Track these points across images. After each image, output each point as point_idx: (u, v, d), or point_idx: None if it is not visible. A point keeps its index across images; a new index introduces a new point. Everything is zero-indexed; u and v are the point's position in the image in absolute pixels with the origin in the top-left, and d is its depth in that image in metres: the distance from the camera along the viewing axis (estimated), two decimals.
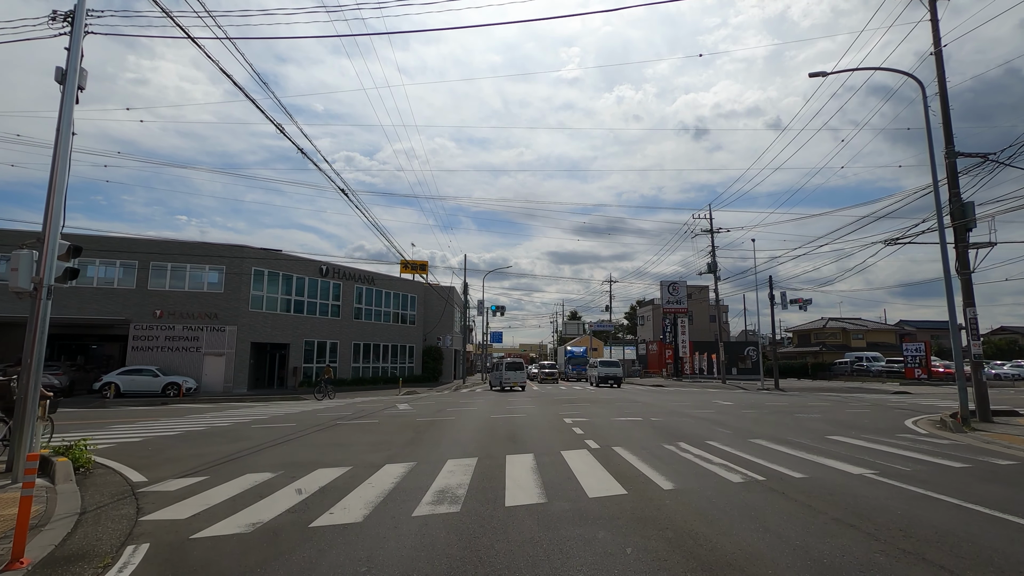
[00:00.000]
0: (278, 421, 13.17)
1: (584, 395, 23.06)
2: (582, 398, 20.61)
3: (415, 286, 38.23)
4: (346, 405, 18.67)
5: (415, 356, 37.88)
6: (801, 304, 30.82)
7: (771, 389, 29.61)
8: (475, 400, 20.48)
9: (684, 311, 48.13)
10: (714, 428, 10.72)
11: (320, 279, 30.99)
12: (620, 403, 17.97)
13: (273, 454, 8.11)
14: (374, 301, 34.81)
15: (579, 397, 21.44)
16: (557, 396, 22.21)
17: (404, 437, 9.83)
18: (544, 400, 19.63)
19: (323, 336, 30.91)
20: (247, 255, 26.95)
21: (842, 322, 61.92)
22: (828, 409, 15.66)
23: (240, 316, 26.36)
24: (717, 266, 37.01)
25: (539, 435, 9.93)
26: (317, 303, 30.78)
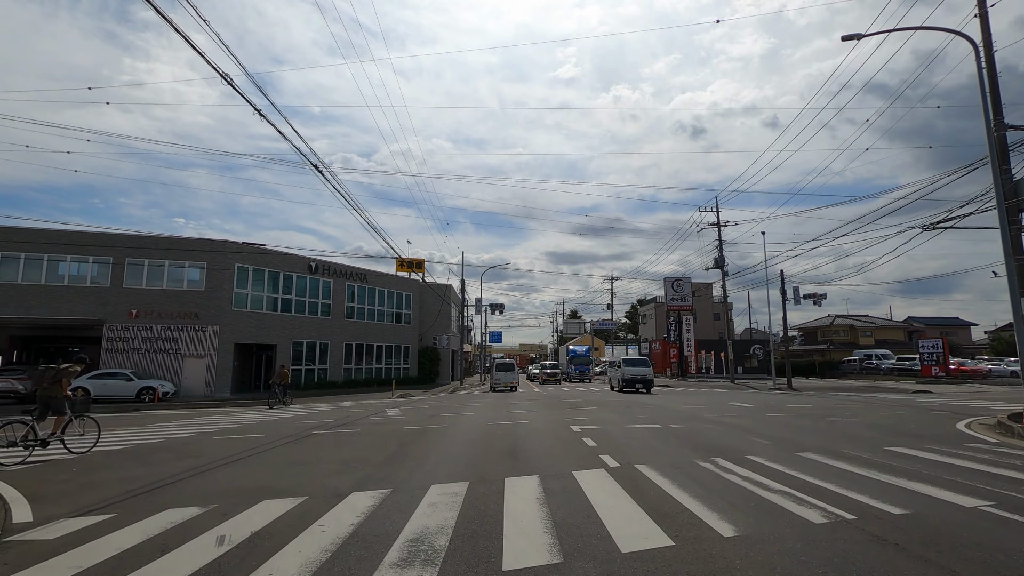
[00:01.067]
0: (248, 431, 11.64)
1: (590, 397, 21.55)
2: (588, 401, 19.10)
3: (410, 284, 36.71)
4: (331, 411, 17.14)
5: (410, 357, 36.34)
6: (816, 299, 29.37)
7: (784, 389, 28.14)
8: (472, 404, 18.97)
9: (689, 308, 46.66)
10: (748, 438, 9.22)
11: (309, 276, 29.47)
12: (630, 406, 16.47)
13: (218, 477, 6.59)
14: (367, 300, 33.29)
15: (585, 400, 19.93)
16: (560, 399, 20.71)
17: (384, 452, 8.32)
18: (547, 403, 18.12)
19: (312, 337, 29.37)
20: (229, 250, 25.41)
21: (849, 319, 60.49)
22: (859, 411, 14.17)
23: (222, 316, 24.82)
24: (724, 261, 35.58)
25: (544, 448, 8.42)
26: (306, 302, 29.25)
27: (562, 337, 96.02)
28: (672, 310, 46.56)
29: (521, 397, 22.50)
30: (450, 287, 39.94)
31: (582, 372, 43.11)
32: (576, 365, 43.50)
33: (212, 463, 7.54)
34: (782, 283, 30.74)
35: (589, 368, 44.01)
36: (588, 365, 44.01)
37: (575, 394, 23.85)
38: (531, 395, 24.18)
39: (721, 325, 67.54)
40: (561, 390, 27.92)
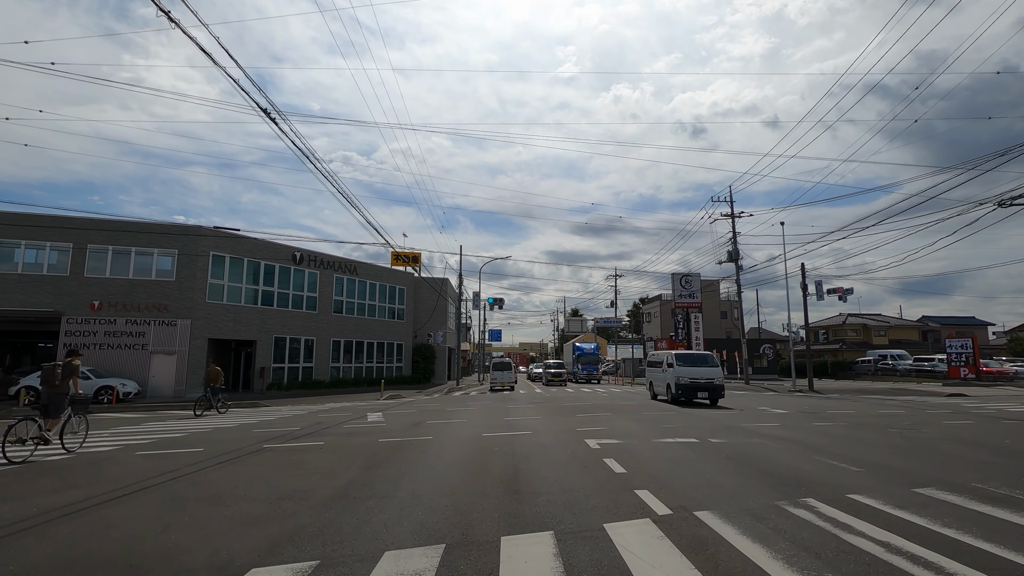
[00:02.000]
0: (188, 443, 9.48)
1: (601, 401, 19.37)
2: (600, 405, 16.91)
3: (404, 277, 34.52)
4: (305, 415, 14.98)
5: (404, 355, 34.17)
6: (841, 294, 27.22)
7: (805, 391, 26.06)
8: (467, 407, 16.81)
9: (697, 305, 44.45)
10: (822, 460, 7.04)
11: (293, 267, 27.28)
12: (651, 412, 14.31)
13: (65, 531, 4.42)
14: (357, 293, 31.10)
15: (595, 403, 17.77)
16: (567, 402, 18.53)
17: (340, 479, 6.16)
18: (552, 408, 15.95)
19: (296, 332, 27.19)
20: (203, 236, 23.21)
21: (862, 318, 58.33)
22: (919, 420, 12.01)
23: (195, 308, 22.65)
24: (739, 254, 33.41)
25: (555, 475, 6.25)
26: (290, 294, 27.06)
27: (563, 335, 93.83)
28: (680, 307, 44.35)
29: (522, 400, 20.32)
30: (447, 282, 37.81)
31: (590, 372, 38.62)
32: (584, 364, 39.01)
33: (89, 498, 5.37)
34: (803, 277, 28.60)
35: (598, 367, 40.05)
36: (597, 364, 40.03)
37: (584, 397, 21.63)
38: (533, 397, 22.01)
39: (728, 324, 65.49)
40: (566, 392, 25.72)
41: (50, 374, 8.55)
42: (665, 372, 17.88)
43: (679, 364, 17.10)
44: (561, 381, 33.80)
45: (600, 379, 39.94)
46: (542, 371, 42.28)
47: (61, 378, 8.54)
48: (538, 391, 26.83)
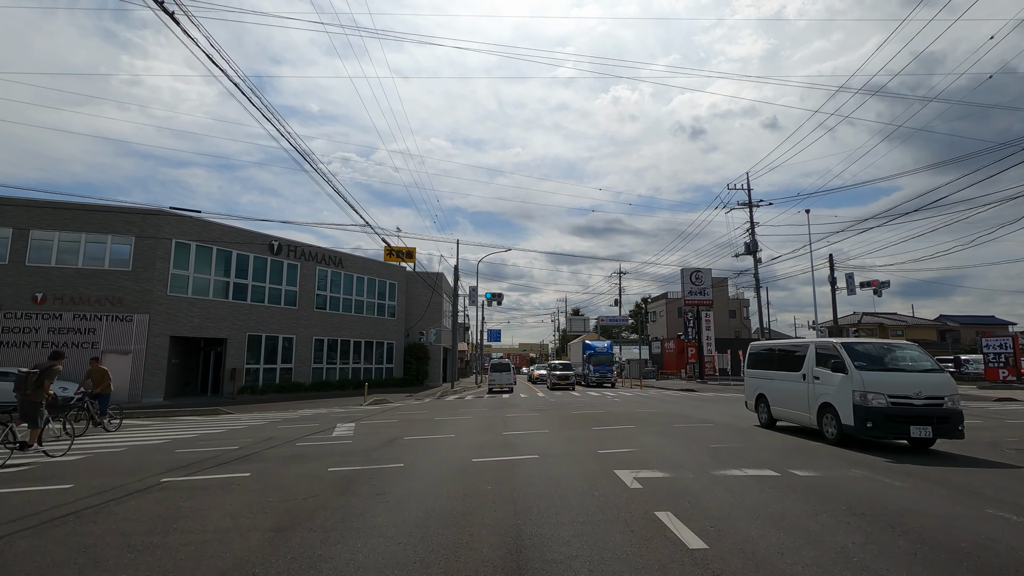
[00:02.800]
0: (57, 475, 6.92)
1: (618, 408, 16.78)
2: (619, 414, 14.27)
3: (395, 271, 31.96)
4: (262, 426, 12.42)
5: (395, 355, 31.58)
6: (876, 287, 24.67)
7: None
8: (459, 416, 14.24)
9: (708, 303, 41.94)
10: (993, 512, 4.47)
11: (270, 258, 24.71)
12: (680, 421, 11.74)
13: None
14: (342, 288, 28.53)
15: (611, 411, 15.19)
16: (578, 409, 15.95)
17: (221, 562, 3.59)
18: (561, 418, 13.35)
19: (273, 329, 24.62)
20: (164, 221, 20.64)
21: (878, 317, 55.79)
22: (1009, 430, 9.44)
23: (155, 302, 20.09)
24: (757, 245, 30.88)
25: (587, 553, 3.67)
26: (266, 288, 24.49)
27: (564, 336, 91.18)
28: (690, 304, 41.82)
29: (524, 406, 17.74)
30: (442, 276, 35.21)
31: (603, 374, 33.28)
32: (596, 365, 33.60)
33: None
34: (831, 269, 26.09)
35: (613, 369, 34.38)
36: (612, 365, 34.42)
37: (595, 403, 19.01)
38: (536, 403, 19.44)
39: (737, 323, 62.94)
40: (573, 397, 22.87)
41: (23, 381, 8.25)
42: (817, 383, 9.11)
43: (859, 364, 8.35)
44: (568, 384, 29.29)
45: (615, 382, 34.80)
46: (546, 373, 37.36)
47: (34, 387, 8.22)
48: (541, 395, 24.24)
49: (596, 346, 35.48)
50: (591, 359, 33.82)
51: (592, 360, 33.74)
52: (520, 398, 22.25)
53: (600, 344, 36.00)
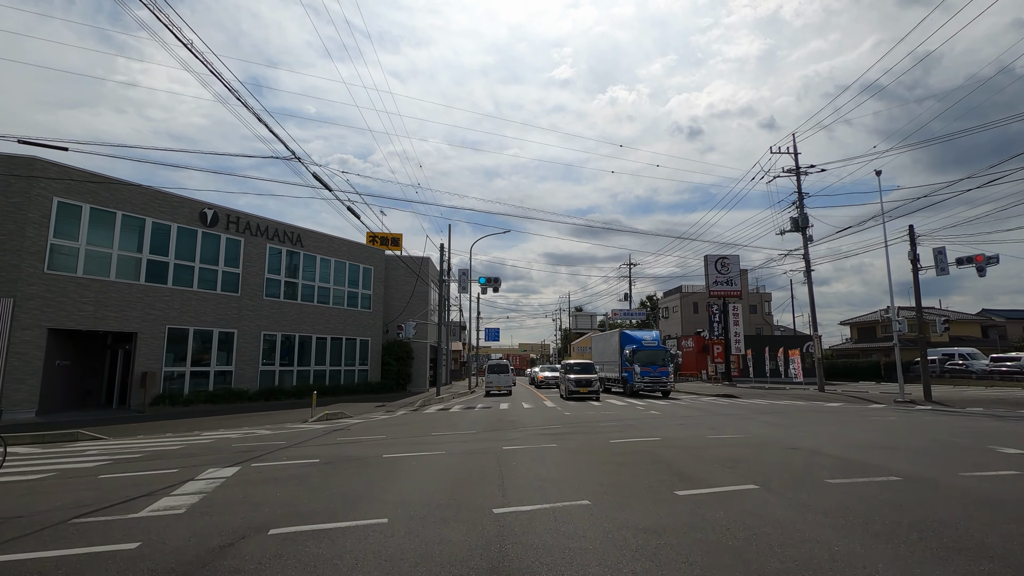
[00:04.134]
0: None
1: (677, 431, 11.33)
2: (692, 445, 8.85)
3: (371, 254, 26.56)
4: (89, 472, 7.01)
5: (370, 355, 26.15)
6: (980, 264, 19.38)
7: (917, 401, 18.46)
8: (428, 449, 8.82)
9: (737, 294, 36.64)
10: None
11: (202, 230, 19.29)
12: (836, 471, 6.35)
13: None
14: (302, 271, 23.11)
15: (677, 441, 9.76)
16: (621, 435, 10.51)
17: None
18: (603, 457, 7.90)
19: (206, 322, 19.19)
20: (41, 173, 15.22)
21: (908, 313, 50.42)
22: None
23: (23, 282, 14.69)
24: (807, 220, 25.55)
25: None
26: (195, 269, 19.07)
27: (567, 334, 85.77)
28: (716, 296, 36.50)
29: (532, 427, 12.29)
30: (428, 261, 29.82)
31: (656, 377, 22.81)
32: (646, 365, 23.09)
33: None
34: (912, 245, 20.79)
35: (669, 370, 23.54)
36: (668, 364, 23.55)
37: (644, 423, 13.25)
38: (548, 420, 14.04)
39: (759, 319, 57.57)
40: (600, 409, 16.63)
41: None
42: None
43: None
44: (591, 393, 21.00)
45: (672, 387, 23.90)
46: (557, 376, 29.56)
47: None
48: (550, 405, 18.80)
49: (641, 338, 24.67)
50: (636, 356, 23.42)
51: (639, 358, 23.34)
52: (523, 411, 16.83)
53: (647, 335, 25.13)
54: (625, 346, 24.55)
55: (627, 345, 24.48)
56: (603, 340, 29.61)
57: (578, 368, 22.91)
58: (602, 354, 28.77)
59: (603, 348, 28.89)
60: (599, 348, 30.08)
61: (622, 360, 24.41)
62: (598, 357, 29.53)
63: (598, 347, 30.57)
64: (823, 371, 37.99)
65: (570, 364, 23.86)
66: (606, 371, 27.07)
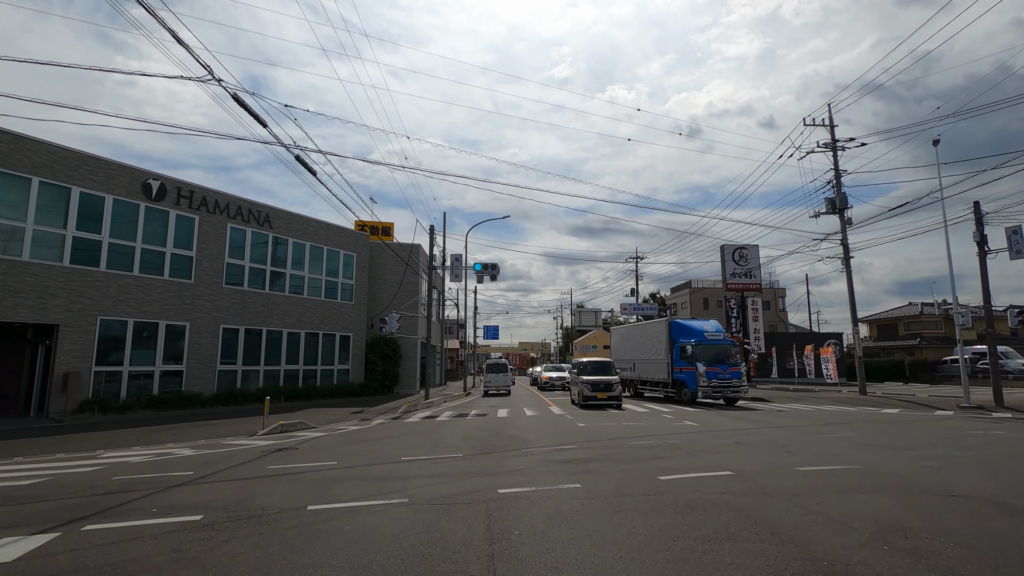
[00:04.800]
0: None
1: (751, 462, 8.38)
2: (800, 500, 5.97)
3: (353, 239, 23.65)
4: None
5: (352, 353, 23.21)
6: None
7: (987, 407, 15.62)
8: (377, 493, 5.88)
9: (756, 287, 33.70)
10: None
11: (146, 204, 16.35)
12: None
13: None
14: (271, 257, 20.17)
15: (767, 486, 6.86)
16: (667, 462, 7.61)
17: None
18: (645, 498, 5.05)
19: (150, 313, 16.25)
20: None
21: (943, 307, 47.53)
22: None
23: None
24: (846, 200, 22.59)
25: None
26: (136, 250, 16.12)
27: (568, 333, 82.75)
28: (733, 289, 33.56)
29: (540, 447, 9.29)
30: (419, 248, 26.84)
31: (726, 380, 17.49)
32: (712, 364, 17.60)
33: None
34: (978, 224, 17.83)
35: (741, 371, 18.18)
36: (739, 363, 18.25)
37: (699, 446, 10.55)
38: (559, 434, 11.10)
39: (772, 315, 54.59)
40: (627, 420, 12.62)
41: None
42: None
43: None
44: (612, 400, 16.73)
45: (746, 392, 18.83)
46: (566, 377, 26.63)
47: None
48: (557, 412, 15.79)
49: (702, 329, 18.69)
50: (701, 353, 17.60)
51: (703, 355, 17.56)
52: (526, 420, 13.87)
53: (708, 325, 19.21)
54: (679, 339, 18.71)
55: (682, 338, 18.60)
56: (636, 333, 23.15)
57: (594, 368, 18.21)
58: (634, 350, 22.61)
59: (637, 343, 22.39)
60: (628, 343, 23.60)
61: (673, 358, 18.74)
62: (624, 354, 23.71)
63: (626, 342, 23.94)
64: (847, 371, 34.94)
65: (583, 363, 18.86)
66: (639, 371, 21.84)
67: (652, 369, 20.65)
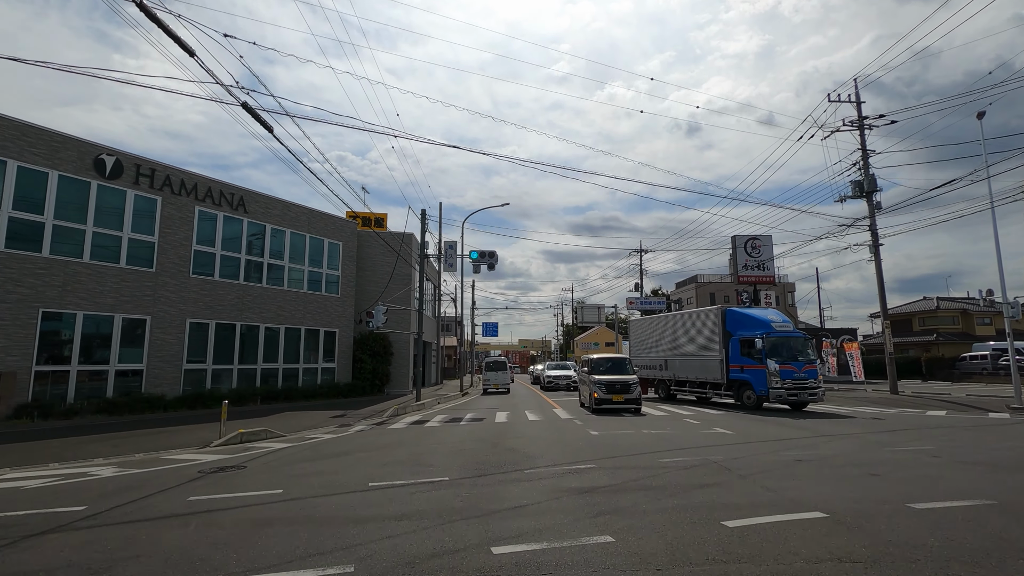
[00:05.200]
0: None
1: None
2: None
3: (338, 227, 21.84)
4: None
5: (338, 350, 21.40)
6: None
7: None
8: (315, 556, 4.04)
9: (770, 280, 31.96)
10: None
11: (98, 182, 14.49)
12: None
13: None
14: (245, 244, 18.33)
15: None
16: (723, 497, 5.81)
17: None
18: None
19: (105, 305, 14.42)
20: None
21: (959, 303, 45.81)
22: None
23: None
24: (875, 182, 20.76)
25: None
26: (87, 233, 14.27)
27: (569, 330, 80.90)
28: (746, 282, 31.79)
29: (548, 468, 7.47)
30: (411, 237, 24.99)
31: (801, 381, 14.19)
32: (786, 362, 14.36)
33: None
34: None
35: (817, 369, 14.89)
36: (815, 360, 15.05)
37: (752, 467, 8.55)
38: (570, 446, 9.31)
39: (781, 310, 52.86)
40: (650, 428, 10.64)
41: None
42: None
43: None
44: (629, 403, 14.27)
45: (822, 393, 14.85)
46: (571, 376, 26.02)
47: None
48: (564, 416, 13.94)
49: (767, 319, 15.52)
50: (772, 347, 14.50)
51: (776, 349, 14.52)
52: (528, 427, 12.05)
53: (774, 315, 16.07)
54: (738, 332, 15.47)
55: (743, 330, 15.36)
56: (670, 325, 19.16)
57: (607, 366, 15.53)
58: (666, 345, 18.96)
59: (672, 337, 18.70)
60: (657, 337, 19.73)
61: (730, 353, 15.62)
62: (650, 350, 20.12)
63: (654, 336, 20.00)
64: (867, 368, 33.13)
65: (595, 360, 16.08)
66: (675, 370, 18.35)
67: (695, 367, 17.29)
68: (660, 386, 19.54)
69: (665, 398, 19.19)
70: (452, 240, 24.12)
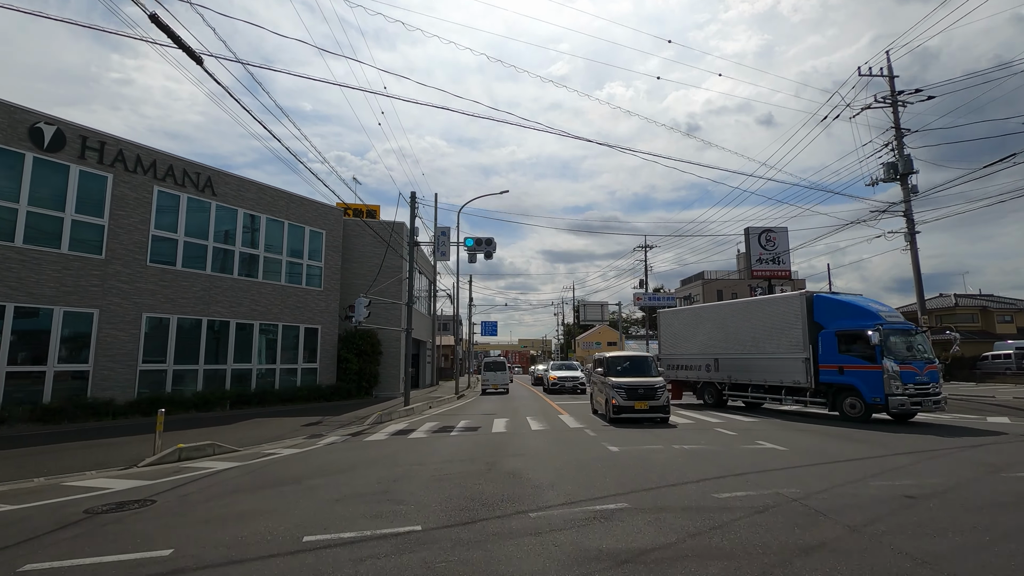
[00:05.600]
0: None
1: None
2: None
3: (321, 213, 19.92)
4: None
5: (320, 349, 19.48)
6: None
7: None
8: None
9: (785, 274, 30.07)
10: None
11: (34, 154, 12.58)
12: None
13: None
14: (215, 231, 16.40)
15: None
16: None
17: None
18: None
19: (45, 297, 12.52)
20: None
21: (978, 300, 43.95)
22: None
23: None
24: (911, 163, 18.87)
25: None
26: (20, 214, 12.39)
27: (570, 329, 78.90)
28: (759, 277, 29.89)
29: (560, 509, 5.67)
30: (403, 227, 23.07)
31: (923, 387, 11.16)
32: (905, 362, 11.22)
33: None
34: None
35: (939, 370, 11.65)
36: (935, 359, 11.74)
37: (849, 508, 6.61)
38: (585, 471, 7.42)
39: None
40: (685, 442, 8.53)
41: None
42: None
43: None
44: (656, 410, 11.56)
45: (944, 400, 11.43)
46: (579, 378, 24.08)
47: None
48: (573, 426, 11.93)
49: (870, 308, 12.32)
50: (889, 343, 11.34)
51: (895, 347, 11.39)
52: (531, 439, 10.14)
53: (880, 306, 12.75)
54: (833, 324, 12.39)
55: (843, 322, 12.23)
56: (723, 316, 15.81)
57: (625, 366, 12.90)
58: (718, 340, 15.70)
59: (726, 330, 15.47)
60: (703, 330, 16.43)
61: (820, 350, 12.48)
62: (691, 347, 16.83)
63: (700, 328, 16.64)
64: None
65: (611, 359, 13.42)
66: (729, 371, 15.17)
67: (761, 367, 14.12)
68: (707, 390, 16.35)
69: (716, 404, 15.99)
70: (446, 227, 22.19)
